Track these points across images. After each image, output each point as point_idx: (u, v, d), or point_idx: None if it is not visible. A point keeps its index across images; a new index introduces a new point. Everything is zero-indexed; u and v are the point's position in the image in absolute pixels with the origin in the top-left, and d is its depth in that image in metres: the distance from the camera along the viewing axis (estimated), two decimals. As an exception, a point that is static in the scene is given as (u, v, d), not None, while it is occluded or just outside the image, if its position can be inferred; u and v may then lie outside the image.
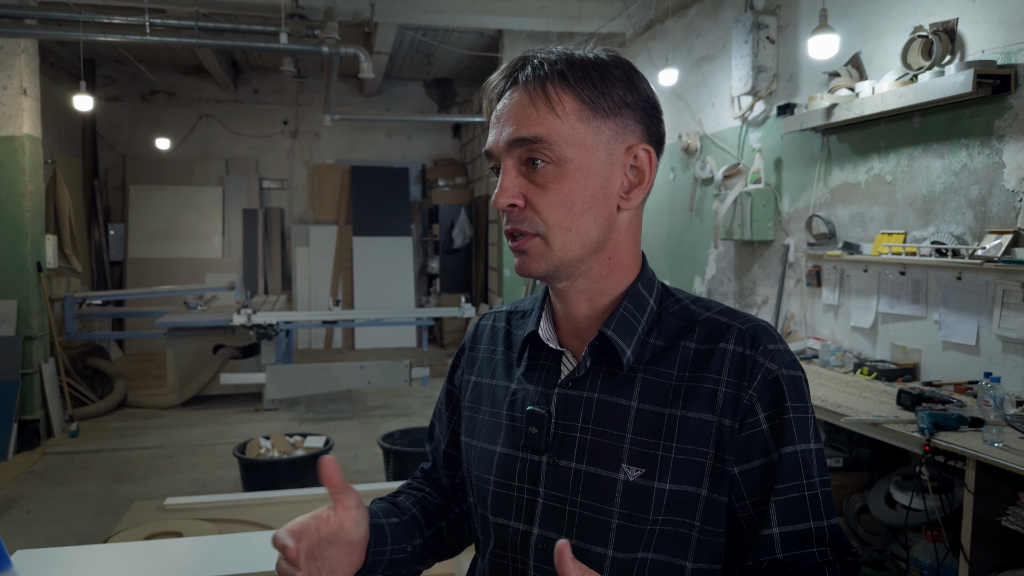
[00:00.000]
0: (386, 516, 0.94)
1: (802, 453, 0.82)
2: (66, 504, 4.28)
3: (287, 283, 9.88)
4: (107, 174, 9.53)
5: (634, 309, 0.87)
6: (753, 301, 4.63)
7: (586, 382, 0.87)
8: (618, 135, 0.84)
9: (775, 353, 0.83)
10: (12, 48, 5.36)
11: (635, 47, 6.22)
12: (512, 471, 0.89)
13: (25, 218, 5.44)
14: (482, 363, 0.99)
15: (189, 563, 2.06)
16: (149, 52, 8.61)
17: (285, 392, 6.04)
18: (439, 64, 9.37)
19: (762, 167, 4.39)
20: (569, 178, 0.81)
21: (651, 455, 0.82)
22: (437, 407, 1.09)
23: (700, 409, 0.82)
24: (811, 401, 0.85)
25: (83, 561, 2.10)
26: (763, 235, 4.37)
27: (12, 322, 5.33)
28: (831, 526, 0.83)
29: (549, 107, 0.81)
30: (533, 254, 0.83)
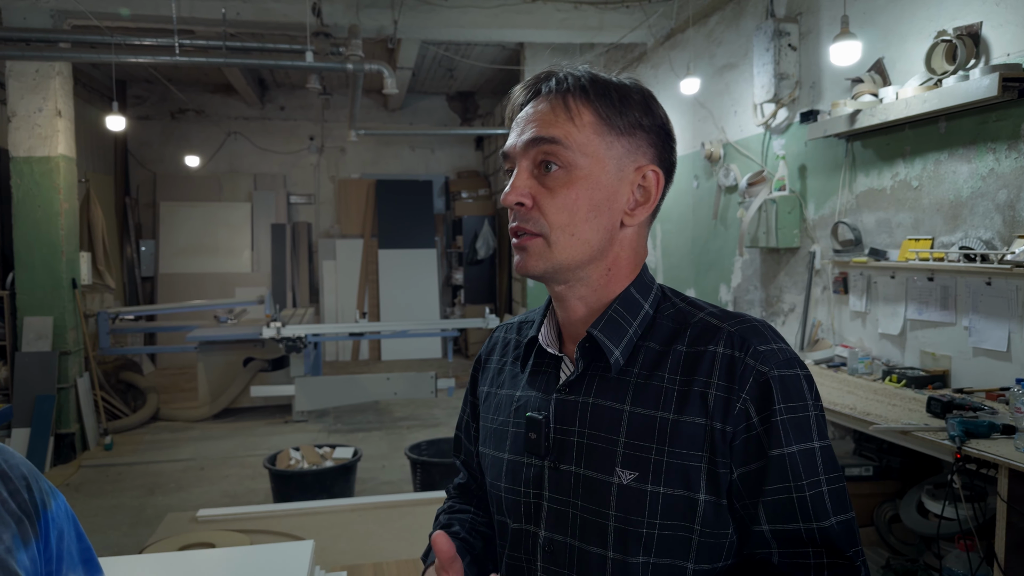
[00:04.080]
0: (461, 557, 0.97)
1: (791, 456, 0.82)
2: (102, 516, 4.37)
3: (315, 296, 10.00)
4: (138, 191, 9.74)
5: (624, 311, 0.89)
6: (780, 309, 4.60)
7: (581, 386, 0.89)
8: (630, 153, 0.87)
9: (766, 354, 0.83)
10: (47, 71, 5.53)
11: (657, 56, 6.23)
12: (519, 476, 0.91)
13: (60, 236, 5.58)
14: (494, 373, 1.03)
15: (222, 574, 2.10)
16: (178, 72, 8.80)
17: (314, 404, 6.11)
18: (461, 78, 9.46)
19: (786, 174, 4.37)
20: (577, 185, 0.85)
21: (644, 459, 0.83)
22: (462, 419, 1.11)
23: (692, 413, 0.83)
24: (813, 398, 0.85)
25: (120, 572, 2.15)
26: (789, 242, 4.34)
27: (48, 338, 5.47)
28: (823, 528, 0.82)
29: (568, 116, 0.85)
30: (533, 253, 0.87)
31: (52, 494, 0.81)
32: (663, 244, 6.29)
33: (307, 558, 2.15)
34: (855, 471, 3.38)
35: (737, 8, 4.97)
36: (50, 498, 0.80)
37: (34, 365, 5.35)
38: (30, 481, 0.78)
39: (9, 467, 0.76)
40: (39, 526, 0.77)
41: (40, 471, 3.67)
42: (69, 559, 0.81)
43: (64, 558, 0.80)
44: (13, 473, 0.76)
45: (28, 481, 0.78)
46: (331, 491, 3.88)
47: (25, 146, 5.49)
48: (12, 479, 0.76)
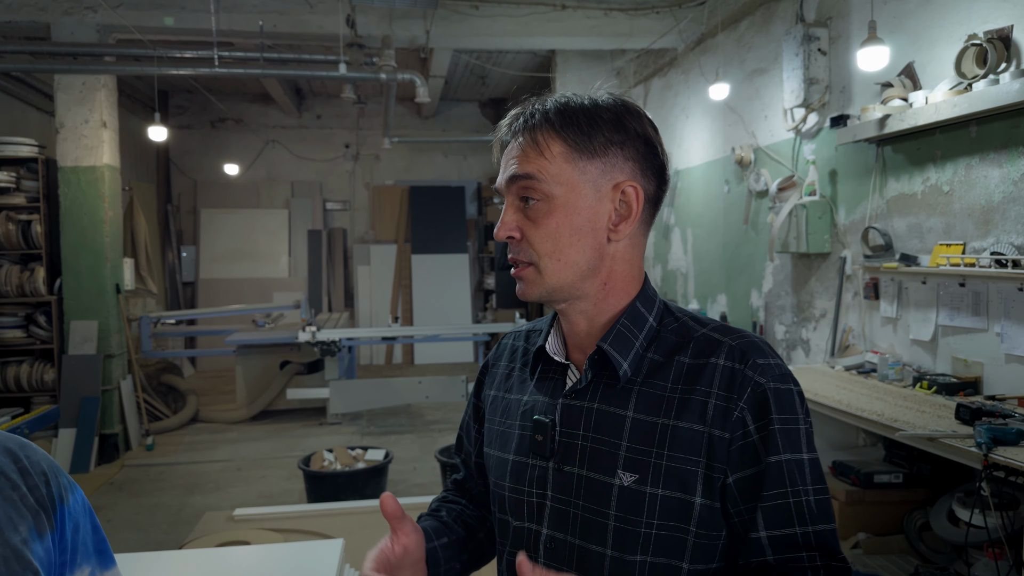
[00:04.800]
0: (437, 537, 1.04)
1: (787, 463, 0.86)
2: (143, 514, 4.51)
3: (350, 301, 10.15)
4: (179, 199, 10.00)
5: (631, 326, 0.94)
6: (811, 314, 4.58)
7: (587, 393, 0.94)
8: (605, 173, 0.91)
9: (764, 367, 0.88)
10: (93, 84, 5.73)
11: (687, 62, 6.24)
12: (523, 477, 0.96)
13: (105, 243, 5.78)
14: (502, 378, 1.08)
15: (255, 570, 2.18)
16: (218, 82, 9.03)
17: (348, 407, 6.22)
18: (493, 85, 9.54)
19: (817, 179, 4.35)
20: (556, 213, 0.90)
21: (644, 462, 0.88)
22: (464, 421, 1.17)
23: (691, 420, 0.87)
24: (803, 413, 0.89)
25: (159, 567, 2.24)
26: (819, 247, 4.32)
27: (93, 341, 5.66)
28: (817, 532, 0.86)
29: (538, 151, 0.90)
30: (528, 281, 0.92)
31: (71, 488, 0.86)
32: (694, 249, 6.27)
33: (337, 556, 2.21)
34: (884, 478, 3.36)
35: (767, 13, 4.96)
36: (68, 492, 0.85)
37: (80, 367, 5.55)
38: (49, 476, 0.83)
39: (30, 463, 0.82)
40: (55, 519, 0.82)
41: (85, 470, 3.81)
42: (84, 550, 0.86)
43: (79, 549, 0.85)
44: (33, 469, 0.82)
45: (47, 476, 0.83)
46: (363, 492, 3.96)
47: (72, 156, 5.70)
48: (32, 475, 0.81)
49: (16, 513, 0.78)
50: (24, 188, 5.64)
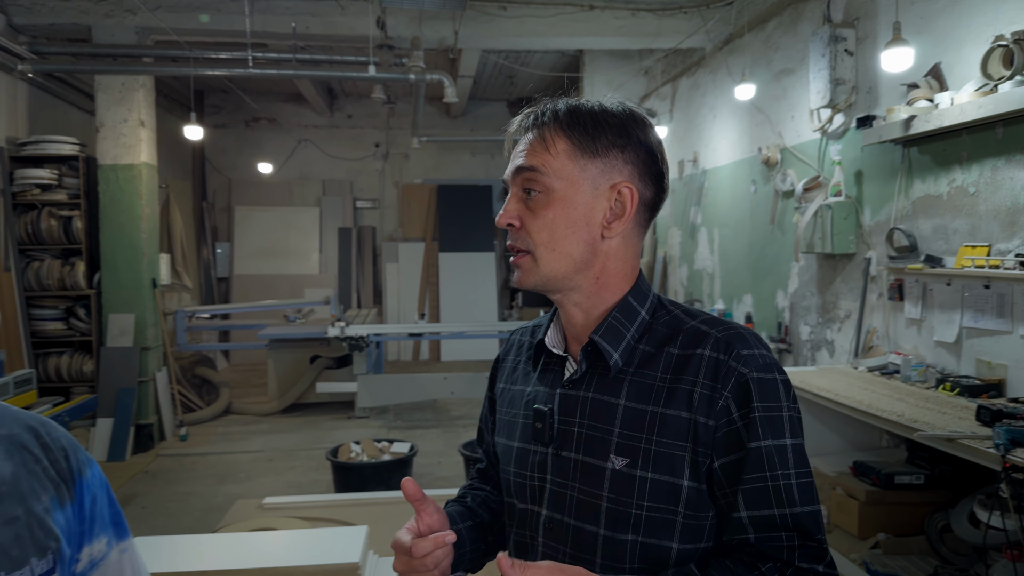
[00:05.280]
0: (462, 520, 1.11)
1: (767, 448, 0.91)
2: (176, 502, 4.66)
3: (378, 298, 10.29)
4: (214, 196, 10.22)
5: (623, 319, 0.99)
6: (836, 315, 4.57)
7: (583, 383, 1.00)
8: (604, 173, 0.97)
9: (747, 358, 0.93)
10: (132, 84, 5.91)
11: (715, 62, 6.24)
12: (525, 462, 1.03)
13: (142, 239, 5.95)
14: (510, 371, 1.14)
15: (283, 553, 2.27)
16: (252, 82, 9.22)
17: (375, 401, 6.34)
18: (522, 84, 9.60)
19: (842, 179, 4.34)
20: (555, 205, 0.96)
21: (635, 447, 0.93)
22: (483, 414, 1.23)
23: (679, 407, 0.93)
24: (788, 401, 0.93)
25: (193, 548, 2.35)
26: (844, 248, 4.31)
27: (130, 334, 5.84)
28: (794, 514, 0.90)
29: (544, 146, 0.96)
30: (524, 268, 0.98)
31: (88, 464, 0.94)
32: (720, 249, 6.27)
33: (361, 542, 2.30)
34: (905, 479, 3.36)
35: (795, 13, 4.95)
36: (86, 467, 0.93)
37: (117, 359, 5.73)
38: (68, 452, 0.91)
39: (51, 439, 0.90)
40: (74, 491, 0.90)
41: (121, 459, 3.98)
42: (101, 521, 0.94)
43: (96, 520, 0.93)
44: (54, 445, 0.90)
45: (67, 452, 0.91)
46: (388, 483, 4.05)
47: (111, 154, 5.89)
48: (53, 450, 0.90)
49: (39, 485, 0.86)
50: (65, 185, 5.82)
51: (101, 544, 0.93)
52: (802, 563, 0.90)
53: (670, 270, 7.50)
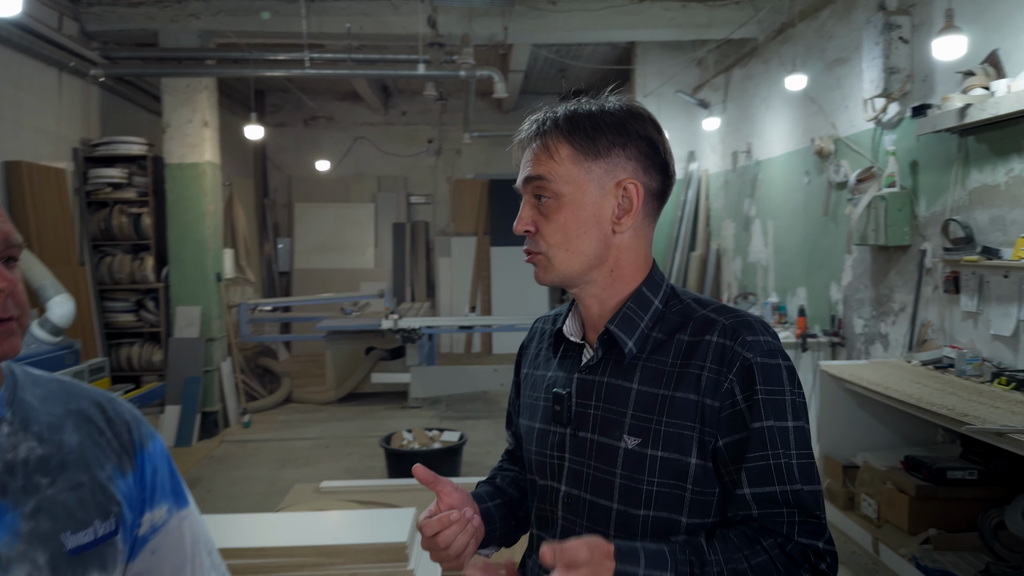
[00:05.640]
0: (491, 499, 1.19)
1: (769, 428, 0.96)
2: (239, 485, 4.88)
3: (431, 291, 10.47)
4: (276, 193, 10.55)
5: (637, 308, 1.05)
6: (890, 308, 4.49)
7: (598, 368, 1.06)
8: (608, 172, 1.02)
9: (752, 344, 0.98)
10: (196, 86, 6.16)
11: (767, 52, 6.16)
12: (546, 442, 1.10)
13: (207, 235, 6.22)
14: (532, 357, 1.21)
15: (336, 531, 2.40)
16: (310, 82, 9.47)
17: (427, 391, 6.48)
18: (573, 78, 9.61)
19: (897, 170, 4.26)
20: (564, 209, 1.02)
21: (646, 428, 0.99)
22: (511, 398, 1.30)
23: (687, 390, 0.98)
24: (791, 386, 0.99)
25: (254, 525, 2.49)
26: (899, 240, 4.23)
27: (197, 325, 6.11)
28: (795, 491, 0.95)
29: (548, 154, 1.02)
30: (541, 268, 1.05)
31: (151, 437, 1.04)
32: (774, 241, 6.20)
33: (409, 522, 2.40)
34: (958, 474, 3.31)
35: (848, 1, 4.86)
36: (148, 440, 1.03)
37: (184, 349, 6.00)
38: (131, 426, 1.01)
39: (115, 414, 1.00)
40: (136, 461, 1.00)
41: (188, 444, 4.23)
42: (162, 490, 1.03)
43: (157, 489, 1.02)
44: (118, 419, 1.00)
45: (130, 426, 1.01)
46: (438, 470, 4.09)
47: (177, 154, 6.16)
48: (116, 423, 0.99)
49: (103, 454, 0.96)
50: (135, 183, 6.11)
51: (162, 511, 1.02)
52: (801, 538, 0.95)
53: (724, 263, 7.43)
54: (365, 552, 2.24)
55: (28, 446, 0.89)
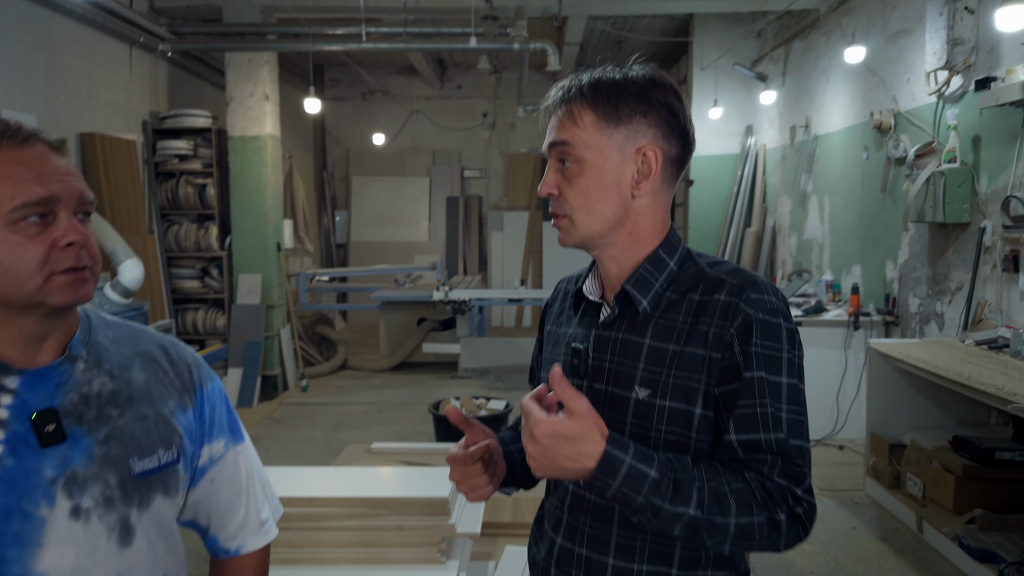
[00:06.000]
0: (513, 443, 1.26)
1: (759, 379, 1.01)
2: (296, 445, 5.11)
3: (483, 265, 10.59)
4: (333, 166, 10.78)
5: (652, 269, 1.11)
6: (947, 287, 4.39)
7: (614, 325, 1.12)
8: (629, 139, 1.07)
9: (756, 301, 1.03)
10: (258, 60, 6.35)
11: (829, 23, 6.00)
12: None
13: (268, 206, 6.43)
14: (555, 316, 1.28)
15: (384, 485, 2.53)
16: (367, 56, 9.61)
17: (476, 362, 6.62)
18: (630, 49, 9.50)
19: (958, 145, 4.14)
20: (587, 174, 1.07)
21: (656, 380, 1.06)
22: (534, 354, 1.37)
23: (696, 346, 1.04)
24: (790, 345, 1.03)
25: (310, 478, 2.65)
26: (957, 217, 4.12)
27: (258, 293, 6.36)
28: (780, 440, 1.00)
29: (572, 120, 1.07)
30: (564, 230, 1.11)
31: (210, 379, 1.15)
32: (831, 218, 6.09)
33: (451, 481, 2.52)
34: (1007, 455, 3.27)
35: (914, -31, 4.71)
36: (207, 381, 1.14)
37: (246, 316, 6.26)
38: (192, 368, 1.13)
39: (178, 357, 1.12)
40: (196, 399, 1.11)
41: (249, 405, 4.50)
42: (219, 426, 1.15)
43: (215, 425, 1.14)
44: (180, 361, 1.12)
45: (191, 368, 1.13)
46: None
47: (240, 127, 6.37)
48: (179, 365, 1.11)
49: (166, 391, 1.08)
50: (200, 155, 6.35)
51: (219, 445, 1.15)
52: (781, 479, 0.99)
53: (779, 240, 7.33)
54: (410, 505, 2.37)
55: (101, 381, 1.00)
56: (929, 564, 3.31)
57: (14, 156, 0.91)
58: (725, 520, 0.96)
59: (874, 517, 3.85)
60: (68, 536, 0.93)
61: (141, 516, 1.00)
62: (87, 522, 0.94)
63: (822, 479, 4.33)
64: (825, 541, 3.57)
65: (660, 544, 1.07)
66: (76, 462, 0.95)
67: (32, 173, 0.91)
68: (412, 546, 2.34)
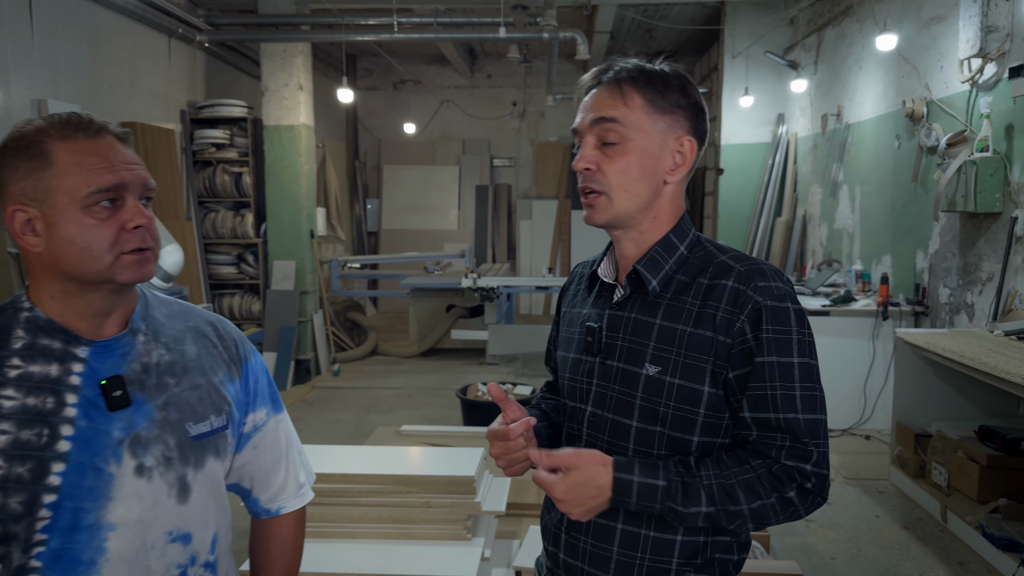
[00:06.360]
0: (539, 421, 1.34)
1: (770, 363, 1.08)
2: (328, 427, 5.25)
3: (512, 253, 10.67)
4: (365, 155, 10.92)
5: (663, 252, 1.17)
6: (978, 277, 4.36)
7: (627, 305, 1.19)
8: (670, 127, 1.14)
9: (764, 288, 1.10)
10: (292, 51, 6.46)
11: (862, 10, 5.94)
12: (578, 370, 1.24)
13: (302, 194, 6.57)
14: (571, 298, 1.35)
15: (412, 463, 2.62)
16: (399, 46, 9.70)
17: (504, 349, 6.70)
18: (661, 38, 9.47)
19: (990, 134, 4.10)
20: (631, 154, 1.13)
21: (666, 358, 1.13)
22: (551, 336, 1.44)
23: (704, 328, 1.11)
24: (798, 326, 1.10)
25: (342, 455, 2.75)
26: (989, 207, 4.09)
27: (292, 279, 6.51)
28: (788, 419, 1.08)
29: (623, 100, 1.13)
30: (598, 207, 1.16)
31: (253, 353, 1.26)
32: (862, 207, 6.05)
33: (477, 460, 2.60)
34: (1033, 445, 3.25)
35: (949, -45, 4.65)
36: (251, 355, 1.25)
37: (280, 301, 6.42)
38: (238, 343, 1.23)
39: (224, 332, 1.22)
40: (241, 371, 1.21)
41: (283, 388, 4.70)
42: (261, 396, 1.25)
43: (258, 395, 1.24)
44: (227, 336, 1.22)
45: (236, 342, 1.23)
46: (511, 421, 4.37)
47: (275, 116, 6.50)
48: (225, 339, 1.21)
49: (215, 363, 1.18)
50: (236, 144, 6.50)
51: (262, 414, 1.25)
52: (787, 461, 1.08)
53: (809, 229, 7.28)
54: (438, 483, 2.46)
55: (158, 353, 1.10)
56: (952, 552, 3.33)
57: (88, 147, 1.00)
58: (737, 508, 1.07)
59: (898, 506, 3.87)
60: (133, 491, 1.03)
61: (196, 475, 1.10)
62: (150, 479, 1.04)
63: (847, 468, 4.34)
64: (847, 528, 3.60)
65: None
66: (139, 425, 1.05)
67: (103, 162, 1.00)
68: (439, 523, 2.44)
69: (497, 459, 1.20)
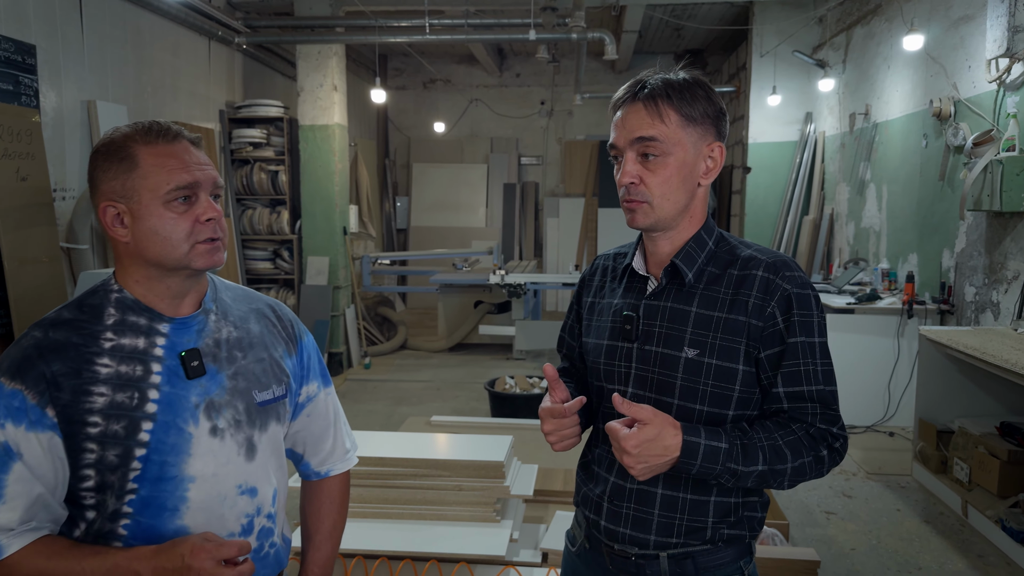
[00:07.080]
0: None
1: (801, 344, 1.24)
2: (360, 418, 5.41)
3: (539, 250, 10.78)
4: (395, 154, 11.10)
5: (696, 247, 1.31)
6: (1003, 276, 4.38)
7: (662, 295, 1.31)
8: (702, 136, 1.27)
9: (790, 278, 1.25)
10: (327, 52, 6.64)
11: (891, 9, 5.95)
12: (614, 355, 1.35)
13: (335, 191, 6.74)
14: (596, 289, 1.46)
15: (443, 449, 2.75)
16: (429, 46, 9.85)
17: (531, 344, 6.82)
18: (689, 37, 9.51)
19: (1017, 133, 4.12)
20: (670, 166, 1.25)
21: (704, 342, 1.26)
22: (567, 325, 1.55)
23: (737, 313, 1.25)
24: (817, 310, 1.25)
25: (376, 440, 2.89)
26: (1015, 205, 4.11)
27: (325, 274, 6.69)
28: (818, 391, 1.24)
29: (660, 118, 1.24)
30: (640, 214, 1.28)
31: (306, 333, 1.41)
32: (888, 206, 6.06)
33: (506, 447, 2.73)
34: (1054, 441, 3.29)
35: (977, -45, 4.66)
36: (304, 335, 1.40)
37: (314, 295, 6.60)
38: (293, 323, 1.39)
39: (283, 313, 1.38)
40: (297, 348, 1.37)
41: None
42: (313, 371, 1.40)
43: (311, 370, 1.40)
44: (284, 317, 1.37)
45: (292, 323, 1.38)
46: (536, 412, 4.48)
47: (310, 116, 6.68)
48: (283, 320, 1.37)
49: (275, 340, 1.34)
50: (272, 143, 6.70)
51: (313, 387, 1.41)
52: (821, 424, 1.25)
53: (836, 227, 7.30)
54: (468, 468, 2.59)
55: (228, 330, 1.25)
56: (971, 545, 3.38)
57: (167, 150, 1.15)
58: (783, 466, 1.21)
59: (919, 500, 3.92)
60: (208, 449, 1.18)
61: (261, 437, 1.25)
62: (222, 439, 1.20)
63: (870, 463, 4.40)
64: (868, 521, 3.67)
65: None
66: (213, 392, 1.20)
67: (180, 163, 1.15)
68: (470, 505, 2.57)
69: (548, 434, 1.31)
